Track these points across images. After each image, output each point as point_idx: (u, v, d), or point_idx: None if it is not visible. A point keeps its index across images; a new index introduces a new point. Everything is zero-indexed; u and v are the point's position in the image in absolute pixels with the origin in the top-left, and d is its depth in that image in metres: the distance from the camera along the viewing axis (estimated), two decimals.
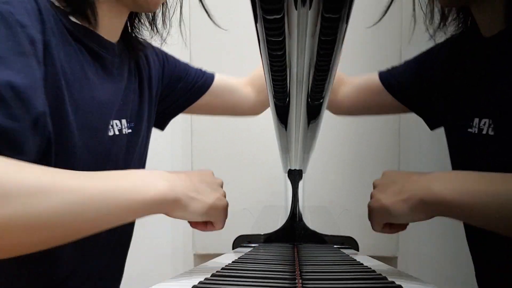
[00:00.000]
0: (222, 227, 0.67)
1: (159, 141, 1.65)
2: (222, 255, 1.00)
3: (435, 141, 1.54)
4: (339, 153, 1.76)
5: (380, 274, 0.59)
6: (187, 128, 1.77)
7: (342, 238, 1.14)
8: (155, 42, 0.83)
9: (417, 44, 1.00)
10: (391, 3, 0.76)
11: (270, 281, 0.53)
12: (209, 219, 0.65)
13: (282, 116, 0.78)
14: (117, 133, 0.68)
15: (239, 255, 0.93)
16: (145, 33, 0.81)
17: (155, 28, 0.80)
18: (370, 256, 1.00)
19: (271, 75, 0.57)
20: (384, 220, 0.63)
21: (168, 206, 0.56)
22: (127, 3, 0.67)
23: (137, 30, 0.79)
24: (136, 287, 1.18)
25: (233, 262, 0.76)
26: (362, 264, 0.74)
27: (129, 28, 0.78)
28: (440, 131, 0.93)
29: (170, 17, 0.81)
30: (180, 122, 1.71)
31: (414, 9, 0.80)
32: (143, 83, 0.79)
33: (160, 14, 0.80)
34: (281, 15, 0.40)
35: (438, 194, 0.52)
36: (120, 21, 0.70)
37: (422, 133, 1.60)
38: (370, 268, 0.66)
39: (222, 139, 1.78)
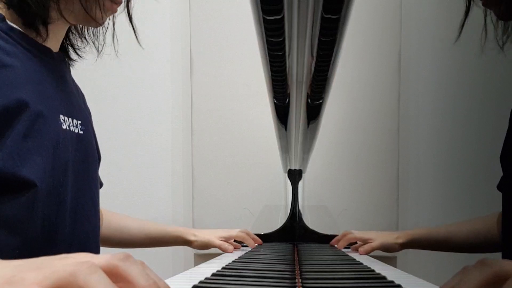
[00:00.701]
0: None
1: (159, 141, 1.65)
2: (222, 255, 1.00)
3: (435, 141, 1.54)
4: (339, 153, 1.76)
5: (379, 274, 0.59)
6: (187, 127, 1.78)
7: None
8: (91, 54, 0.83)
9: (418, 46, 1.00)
10: None
11: (270, 281, 0.53)
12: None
13: (282, 116, 0.78)
14: (70, 129, 0.68)
15: (239, 254, 0.93)
16: (80, 45, 0.81)
17: (87, 40, 0.80)
18: (369, 255, 1.00)
19: (271, 75, 0.57)
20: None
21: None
22: (77, 19, 0.68)
23: (73, 42, 0.79)
24: None
25: (233, 262, 0.76)
26: (362, 263, 0.74)
27: (66, 39, 0.78)
28: (440, 132, 0.94)
29: (105, 31, 0.81)
30: (180, 122, 1.71)
31: (485, 23, 0.77)
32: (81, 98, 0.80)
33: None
34: (281, 15, 0.40)
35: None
36: (63, 33, 0.72)
37: (421, 133, 1.60)
38: (369, 268, 0.66)
39: (223, 139, 1.78)
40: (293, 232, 1.24)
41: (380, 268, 0.71)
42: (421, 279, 0.60)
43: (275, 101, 0.71)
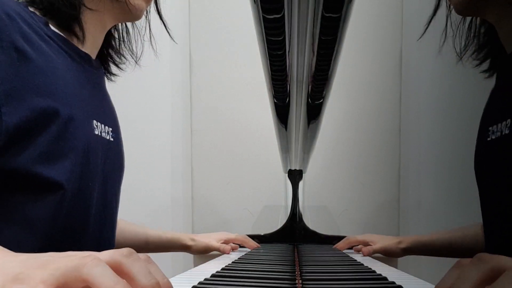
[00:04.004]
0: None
1: (159, 141, 1.65)
2: (222, 256, 0.99)
3: (435, 141, 1.54)
4: (339, 153, 1.76)
5: (380, 275, 0.58)
6: (187, 127, 1.77)
7: (342, 238, 1.14)
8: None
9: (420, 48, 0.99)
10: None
11: (270, 281, 0.53)
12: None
13: (282, 116, 0.78)
14: (102, 135, 0.68)
15: (239, 255, 0.92)
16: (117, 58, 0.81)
17: (130, 47, 0.80)
18: (370, 256, 1.00)
19: (271, 74, 0.57)
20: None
21: None
22: (114, 13, 0.67)
23: (114, 57, 0.79)
24: None
25: (233, 262, 0.76)
26: (362, 264, 0.74)
27: (107, 50, 0.78)
28: (442, 132, 0.93)
29: (143, 36, 0.81)
30: (180, 122, 1.71)
31: (446, 26, 0.77)
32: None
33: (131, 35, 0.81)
34: (281, 14, 0.40)
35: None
36: (100, 40, 0.72)
37: (422, 133, 1.60)
38: (370, 268, 0.66)
39: (222, 139, 1.78)
40: (293, 233, 1.24)
41: (381, 269, 0.70)
42: (422, 280, 0.59)
43: (275, 101, 0.71)
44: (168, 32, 0.82)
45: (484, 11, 0.63)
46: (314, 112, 0.76)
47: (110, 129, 0.72)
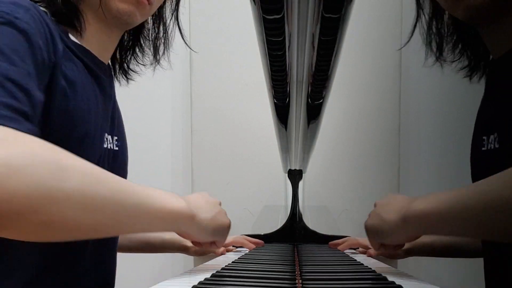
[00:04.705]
0: (221, 246, 0.70)
1: (159, 141, 1.65)
2: (222, 255, 0.99)
3: (435, 140, 1.54)
4: (339, 153, 1.76)
5: (380, 274, 0.59)
6: (187, 127, 1.78)
7: (342, 238, 1.14)
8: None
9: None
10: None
11: (270, 281, 0.53)
12: (214, 239, 0.68)
13: (282, 116, 0.78)
14: (108, 147, 0.69)
15: (239, 255, 0.93)
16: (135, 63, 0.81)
17: (154, 52, 0.80)
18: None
19: (271, 75, 0.57)
20: (377, 239, 0.66)
21: (184, 221, 0.58)
22: (109, 18, 0.66)
23: (132, 58, 0.79)
24: (136, 287, 1.18)
25: (233, 262, 0.76)
26: (362, 264, 0.74)
27: (122, 55, 0.78)
28: (442, 132, 0.94)
29: (170, 41, 0.80)
30: (180, 122, 1.71)
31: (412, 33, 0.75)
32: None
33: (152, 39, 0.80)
34: (281, 15, 0.40)
35: (417, 210, 0.55)
36: (110, 42, 0.71)
37: (422, 133, 1.60)
38: (370, 268, 0.66)
39: (222, 139, 1.78)
40: (293, 233, 1.24)
41: (381, 269, 0.70)
42: (422, 279, 0.59)
43: (275, 101, 0.71)
44: (183, 39, 0.79)
45: (495, 18, 0.59)
46: (314, 112, 0.76)
47: (116, 137, 0.72)
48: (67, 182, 0.39)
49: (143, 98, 1.61)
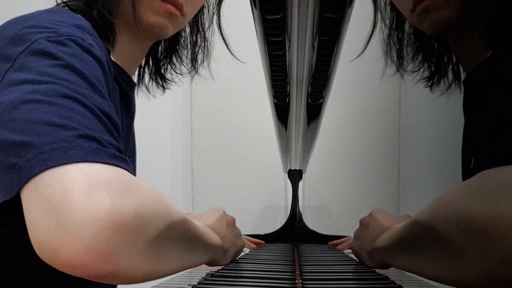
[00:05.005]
0: None
1: (159, 141, 1.65)
2: None
3: (435, 141, 1.54)
4: (339, 153, 1.76)
5: (380, 274, 0.58)
6: (187, 127, 1.78)
7: (342, 238, 1.14)
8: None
9: None
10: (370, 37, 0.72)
11: (270, 281, 0.53)
12: (232, 260, 0.72)
13: (282, 116, 0.78)
14: None
15: (239, 255, 0.92)
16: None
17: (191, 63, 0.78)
18: None
19: (271, 74, 0.57)
20: (359, 259, 0.72)
21: (218, 255, 0.62)
22: (141, 31, 0.62)
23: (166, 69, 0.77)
24: (136, 287, 1.18)
25: (233, 262, 0.76)
26: (362, 264, 0.74)
27: (157, 65, 0.76)
28: (442, 132, 0.94)
29: (206, 51, 0.78)
30: (180, 121, 1.71)
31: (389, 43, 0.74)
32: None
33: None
34: (281, 15, 0.40)
35: (377, 246, 0.60)
36: (140, 54, 0.67)
37: (422, 133, 1.60)
38: (370, 268, 0.66)
39: (223, 139, 1.78)
40: (293, 233, 1.24)
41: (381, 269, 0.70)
42: (422, 279, 0.59)
43: (275, 101, 0.71)
44: (228, 49, 0.77)
45: (462, 32, 0.56)
46: (314, 112, 0.76)
47: (127, 156, 0.71)
48: (172, 233, 0.40)
49: (143, 98, 1.61)
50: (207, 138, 1.78)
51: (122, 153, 0.41)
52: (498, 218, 0.31)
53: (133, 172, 0.44)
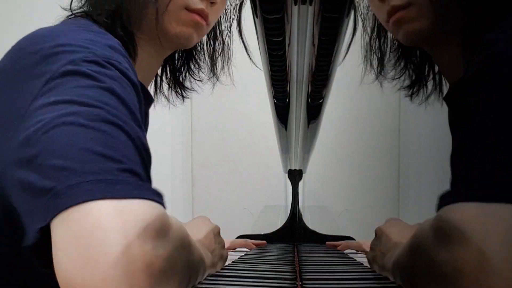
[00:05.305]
0: None
1: (159, 141, 1.65)
2: None
3: (435, 141, 1.54)
4: (339, 153, 1.76)
5: (380, 274, 0.59)
6: (187, 127, 1.78)
7: (342, 238, 1.14)
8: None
9: None
10: (350, 44, 0.71)
11: (270, 281, 0.53)
12: None
13: (282, 116, 0.78)
14: None
15: (239, 255, 0.93)
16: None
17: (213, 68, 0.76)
18: None
19: (271, 74, 0.57)
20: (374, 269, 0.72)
21: (208, 273, 0.61)
22: (164, 42, 0.61)
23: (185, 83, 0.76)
24: None
25: (233, 262, 0.76)
26: (362, 264, 0.74)
27: (175, 74, 0.75)
28: (442, 132, 0.93)
29: (225, 57, 0.76)
30: (180, 121, 1.71)
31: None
32: None
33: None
34: (281, 14, 0.40)
35: (385, 262, 0.59)
36: (157, 65, 0.66)
37: (422, 133, 1.60)
38: (370, 268, 0.66)
39: (223, 139, 1.78)
40: (293, 233, 1.24)
41: None
42: None
43: (275, 101, 0.71)
44: (249, 56, 0.73)
45: (440, 43, 0.55)
46: (314, 112, 0.76)
47: None
48: (186, 272, 0.39)
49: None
50: (207, 138, 1.78)
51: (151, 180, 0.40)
52: (459, 265, 0.32)
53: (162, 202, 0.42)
